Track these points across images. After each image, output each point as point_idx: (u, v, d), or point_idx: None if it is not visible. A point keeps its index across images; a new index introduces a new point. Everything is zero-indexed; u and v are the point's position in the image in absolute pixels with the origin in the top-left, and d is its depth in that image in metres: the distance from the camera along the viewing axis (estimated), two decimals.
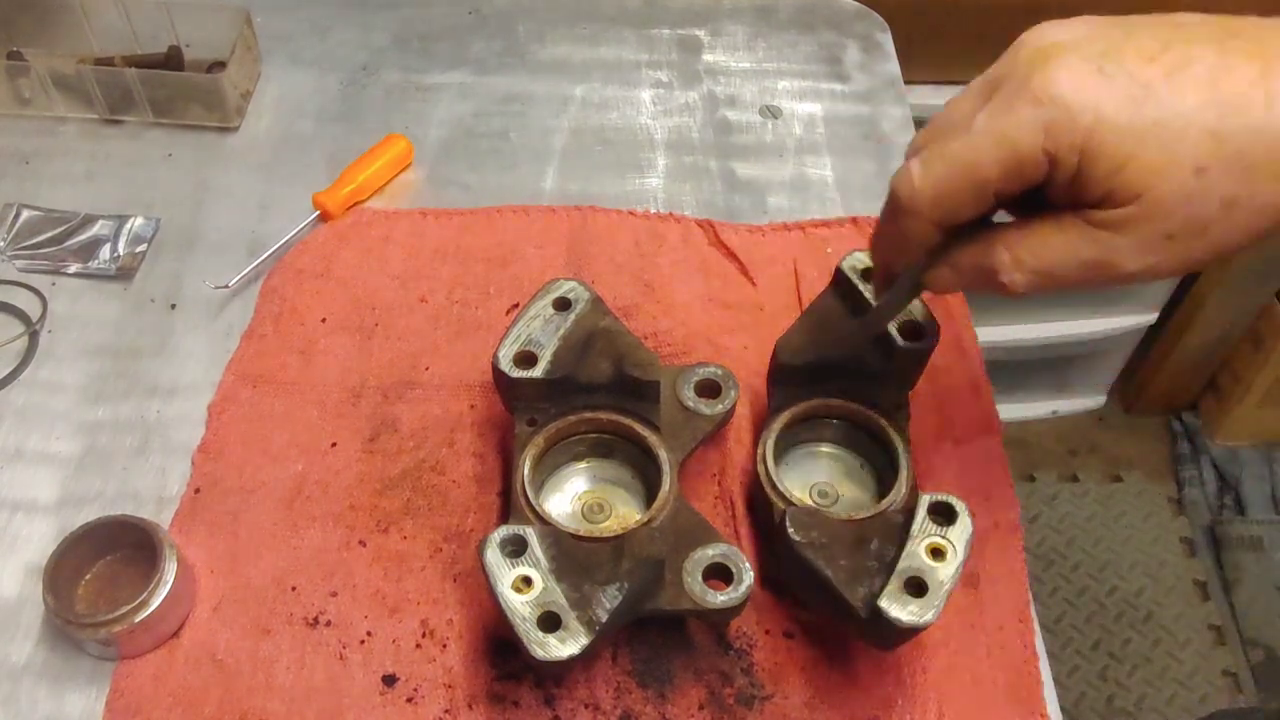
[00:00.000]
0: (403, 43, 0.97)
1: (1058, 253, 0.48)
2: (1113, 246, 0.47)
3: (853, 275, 0.64)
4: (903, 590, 0.54)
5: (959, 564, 0.55)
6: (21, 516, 0.67)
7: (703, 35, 0.99)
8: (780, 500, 0.62)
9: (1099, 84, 0.44)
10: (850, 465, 0.67)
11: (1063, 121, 0.44)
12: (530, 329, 0.64)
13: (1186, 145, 0.44)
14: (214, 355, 0.74)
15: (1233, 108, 0.44)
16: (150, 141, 0.88)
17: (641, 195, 0.86)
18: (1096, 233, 0.47)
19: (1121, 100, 0.44)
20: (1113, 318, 1.69)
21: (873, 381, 0.65)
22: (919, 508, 0.56)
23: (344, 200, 0.82)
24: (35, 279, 0.78)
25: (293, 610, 0.63)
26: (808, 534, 0.58)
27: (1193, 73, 0.44)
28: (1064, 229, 0.48)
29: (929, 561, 0.55)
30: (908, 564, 0.55)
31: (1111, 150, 0.44)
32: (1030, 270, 0.49)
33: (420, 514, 0.67)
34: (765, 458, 0.64)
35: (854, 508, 0.64)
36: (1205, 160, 0.44)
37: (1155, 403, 1.84)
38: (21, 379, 0.74)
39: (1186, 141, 0.44)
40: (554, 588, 0.54)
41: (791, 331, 0.66)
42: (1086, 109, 0.44)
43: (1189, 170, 0.44)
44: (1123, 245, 0.47)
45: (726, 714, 0.60)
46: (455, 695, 0.60)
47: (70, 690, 0.61)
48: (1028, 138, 0.45)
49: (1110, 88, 0.44)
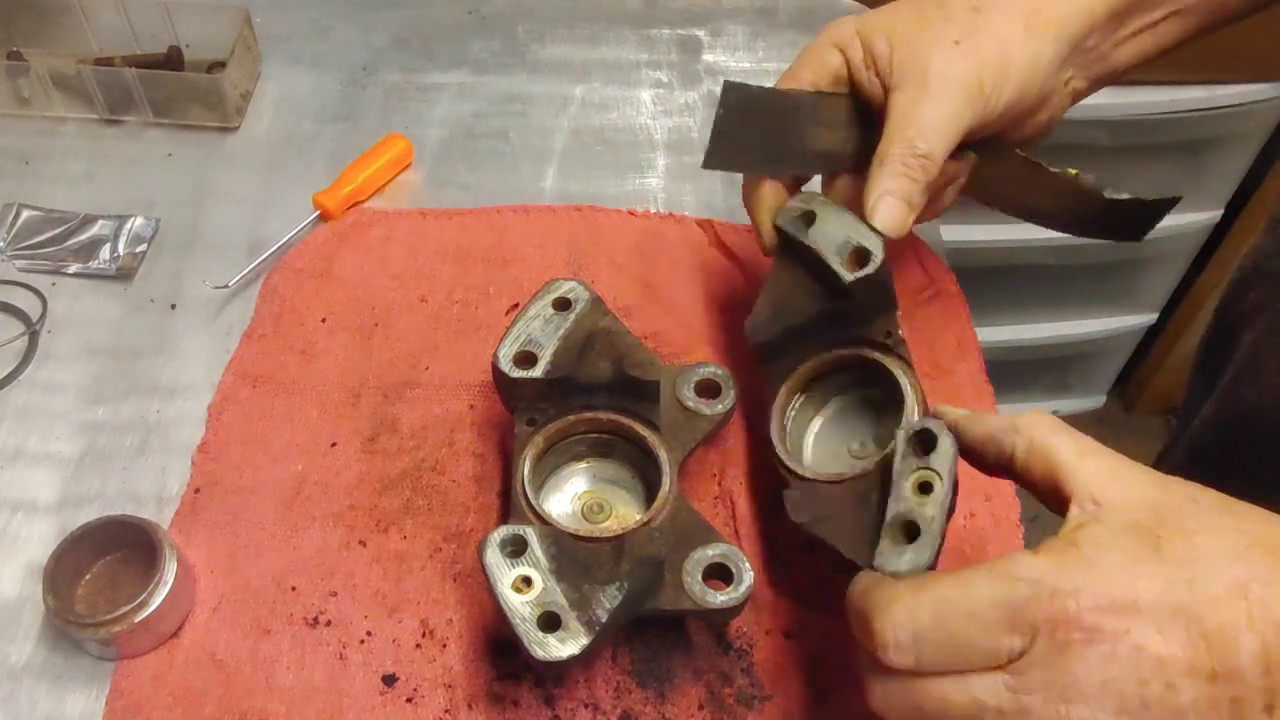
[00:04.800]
0: (403, 43, 0.97)
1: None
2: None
3: (790, 228, 0.64)
4: (897, 540, 0.50)
5: (946, 491, 0.50)
6: (21, 516, 0.67)
7: (703, 35, 0.99)
8: (791, 476, 0.61)
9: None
10: (872, 414, 0.65)
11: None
12: (530, 329, 0.64)
13: None
14: (214, 355, 0.74)
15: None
16: (150, 141, 0.88)
17: (641, 195, 0.86)
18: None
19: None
20: (1113, 318, 1.69)
21: (849, 321, 0.63)
22: (898, 444, 0.52)
23: (344, 200, 0.82)
24: (35, 279, 0.78)
25: (293, 610, 0.63)
26: (808, 512, 0.57)
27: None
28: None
29: (916, 499, 0.51)
30: (896, 509, 0.51)
31: None
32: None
33: (420, 514, 0.67)
34: (773, 437, 0.63)
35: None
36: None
37: (1155, 403, 1.84)
38: (21, 379, 0.74)
39: None
40: (554, 588, 0.54)
41: (757, 309, 0.65)
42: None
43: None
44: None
45: (726, 714, 0.60)
46: (455, 695, 0.60)
47: (70, 690, 0.61)
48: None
49: None
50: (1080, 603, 0.42)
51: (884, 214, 0.61)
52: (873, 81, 0.64)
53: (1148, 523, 0.44)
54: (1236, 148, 1.49)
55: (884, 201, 0.61)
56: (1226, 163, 1.51)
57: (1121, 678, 0.41)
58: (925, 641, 0.44)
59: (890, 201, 0.61)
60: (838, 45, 0.65)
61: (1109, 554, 0.43)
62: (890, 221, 0.61)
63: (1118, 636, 0.42)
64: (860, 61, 0.64)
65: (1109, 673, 0.42)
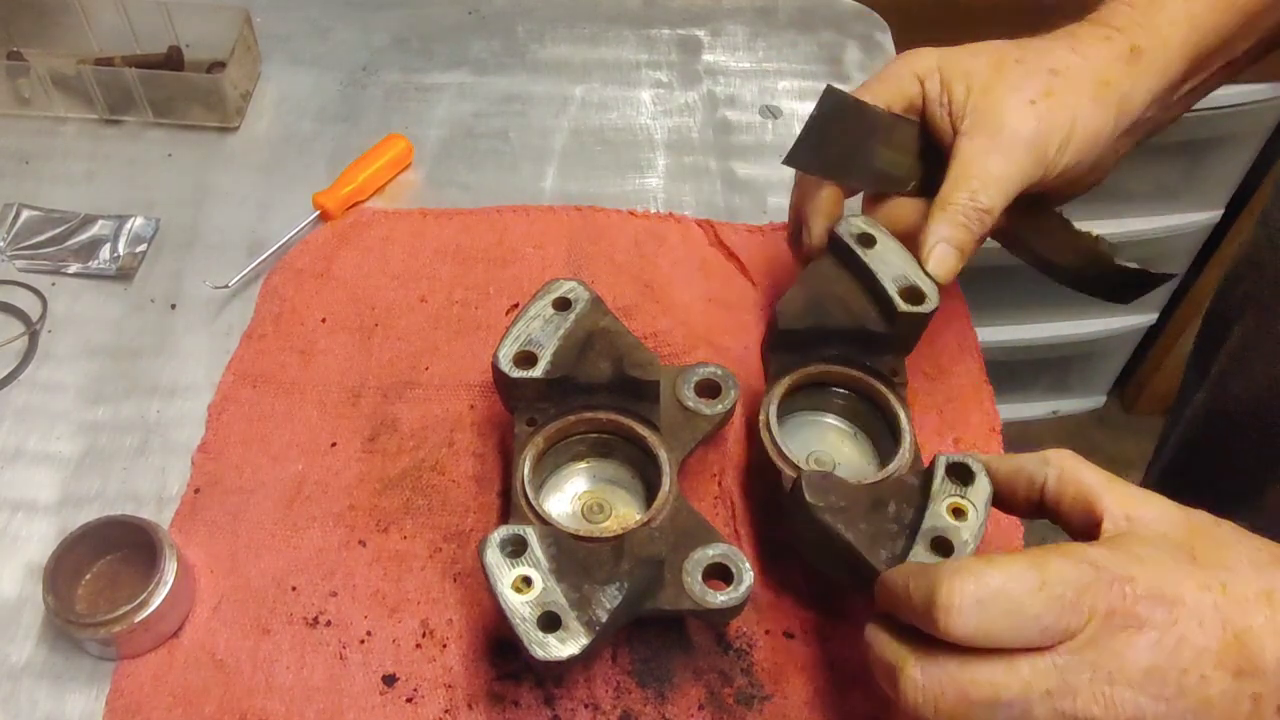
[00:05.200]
0: (403, 43, 0.97)
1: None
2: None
3: (850, 240, 0.65)
4: (929, 550, 0.54)
5: (981, 522, 0.55)
6: (21, 516, 0.67)
7: (703, 35, 0.99)
8: (789, 467, 0.62)
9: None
10: (845, 433, 0.68)
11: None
12: (530, 329, 0.64)
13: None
14: (214, 355, 0.74)
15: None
16: (150, 141, 0.88)
17: (641, 195, 0.86)
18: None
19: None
20: (1113, 318, 1.69)
21: (871, 347, 0.65)
22: (937, 469, 0.56)
23: (344, 200, 0.82)
24: (35, 279, 0.78)
25: (293, 610, 0.63)
26: (825, 498, 0.57)
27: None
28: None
29: (951, 521, 0.55)
30: (931, 524, 0.55)
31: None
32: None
33: (420, 514, 0.67)
34: (770, 424, 0.63)
35: (854, 474, 0.63)
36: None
37: (1155, 403, 1.84)
38: (21, 379, 0.74)
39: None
40: (554, 588, 0.54)
41: (791, 296, 0.65)
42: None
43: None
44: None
45: (726, 714, 0.60)
46: (455, 695, 0.60)
47: (70, 690, 0.61)
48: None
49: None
50: (1136, 591, 0.45)
51: (938, 260, 0.64)
52: (944, 120, 0.66)
53: (1180, 536, 0.48)
54: (1236, 148, 1.49)
55: (940, 249, 0.64)
56: (1226, 163, 1.51)
57: (1165, 665, 0.45)
58: (990, 608, 0.45)
59: (945, 249, 0.64)
60: (918, 76, 0.67)
61: (1153, 554, 0.47)
62: (943, 269, 0.64)
63: (1166, 627, 0.45)
64: (936, 97, 0.66)
65: (1155, 660, 0.45)
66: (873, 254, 0.65)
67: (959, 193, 0.63)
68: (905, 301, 0.63)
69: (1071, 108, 0.63)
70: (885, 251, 0.65)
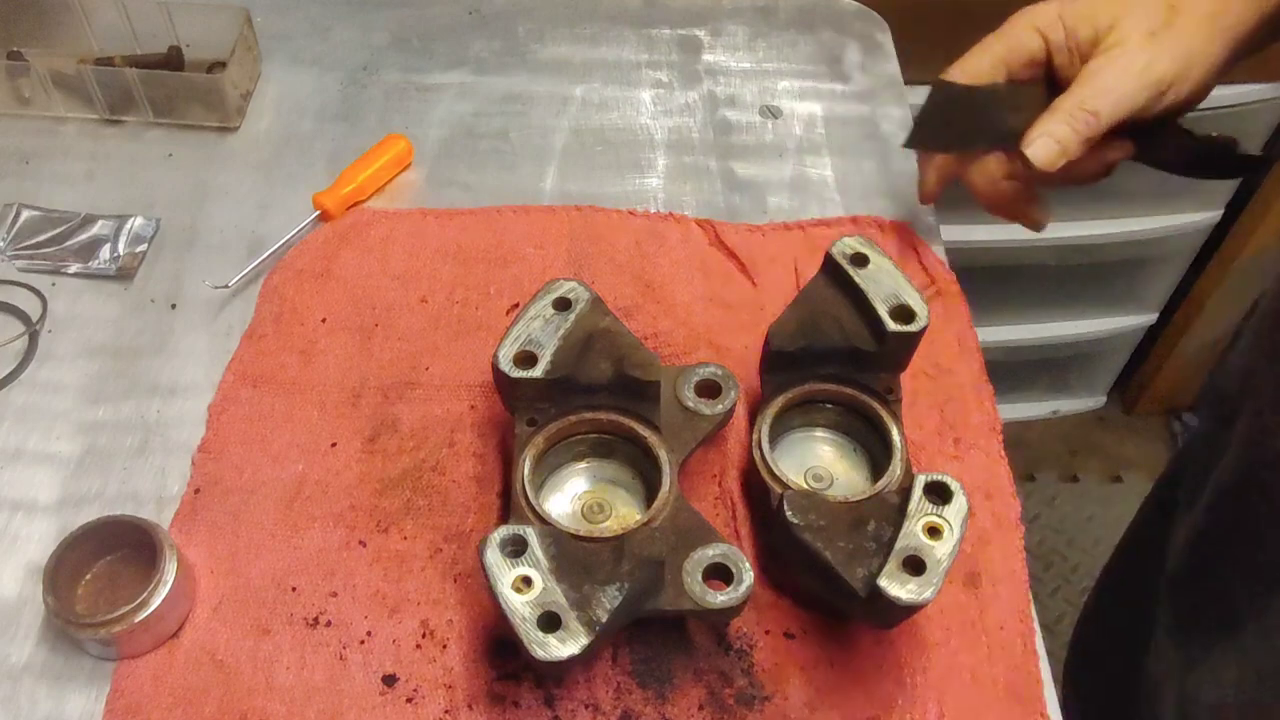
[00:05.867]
0: (403, 43, 0.97)
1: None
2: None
3: (843, 260, 0.66)
4: (901, 569, 0.54)
5: (955, 542, 0.55)
6: (21, 516, 0.67)
7: (703, 35, 0.99)
8: (777, 484, 0.63)
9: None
10: (844, 449, 0.68)
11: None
12: (530, 329, 0.64)
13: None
14: (214, 355, 0.74)
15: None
16: (150, 141, 0.88)
17: (641, 195, 0.86)
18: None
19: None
20: (1113, 318, 1.69)
21: (864, 366, 0.66)
22: (914, 488, 0.57)
23: (344, 200, 0.82)
24: (35, 279, 0.78)
25: (293, 610, 0.63)
26: (805, 517, 0.58)
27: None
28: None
29: (926, 540, 0.55)
30: (905, 543, 0.55)
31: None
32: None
33: (420, 514, 0.67)
34: (761, 443, 0.64)
35: (849, 490, 0.65)
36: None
37: (1155, 403, 1.84)
38: (21, 379, 0.74)
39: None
40: (554, 588, 0.54)
41: (785, 318, 0.66)
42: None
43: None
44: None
45: (726, 714, 0.60)
46: (455, 695, 0.60)
47: (70, 690, 0.61)
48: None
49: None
50: None
51: (1038, 147, 0.68)
52: (1074, 64, 0.70)
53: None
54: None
55: (1041, 139, 0.68)
56: None
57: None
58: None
59: (1047, 140, 0.68)
60: (1039, 29, 0.71)
61: None
62: (1042, 155, 0.68)
63: None
64: (1062, 44, 0.71)
65: None
66: (864, 274, 0.65)
67: (1069, 99, 0.68)
68: (895, 321, 0.63)
69: (1189, 42, 0.68)
70: (877, 271, 0.66)
